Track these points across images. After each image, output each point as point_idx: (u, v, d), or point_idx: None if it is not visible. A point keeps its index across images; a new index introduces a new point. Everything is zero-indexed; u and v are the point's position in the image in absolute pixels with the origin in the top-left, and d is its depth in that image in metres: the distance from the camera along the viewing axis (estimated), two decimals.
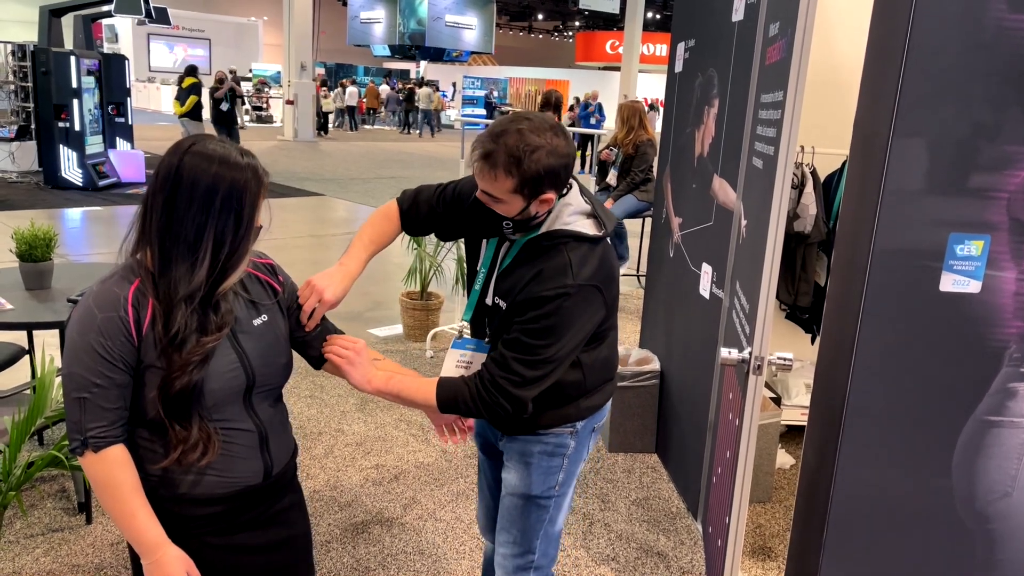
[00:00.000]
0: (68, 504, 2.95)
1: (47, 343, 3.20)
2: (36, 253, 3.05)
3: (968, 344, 1.67)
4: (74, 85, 9.81)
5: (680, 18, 3.70)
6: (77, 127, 9.95)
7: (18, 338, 3.42)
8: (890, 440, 1.75)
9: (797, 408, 3.54)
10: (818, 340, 2.82)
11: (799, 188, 3.40)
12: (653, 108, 21.02)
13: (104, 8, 10.90)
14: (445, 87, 30.31)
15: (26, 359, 3.30)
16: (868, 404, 1.73)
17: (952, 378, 1.69)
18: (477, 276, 1.80)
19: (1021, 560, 1.79)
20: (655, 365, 3.58)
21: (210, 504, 1.45)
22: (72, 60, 9.75)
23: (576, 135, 15.91)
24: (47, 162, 10.18)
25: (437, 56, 30.70)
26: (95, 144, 10.46)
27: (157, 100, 26.26)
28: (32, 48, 10.04)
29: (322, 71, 28.32)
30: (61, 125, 9.88)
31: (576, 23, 38.43)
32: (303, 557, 1.67)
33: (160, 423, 1.37)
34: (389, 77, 31.29)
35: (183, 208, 1.33)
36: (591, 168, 13.66)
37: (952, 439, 1.73)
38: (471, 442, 2.10)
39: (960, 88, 1.56)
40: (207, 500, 1.45)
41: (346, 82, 25.49)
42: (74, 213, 8.86)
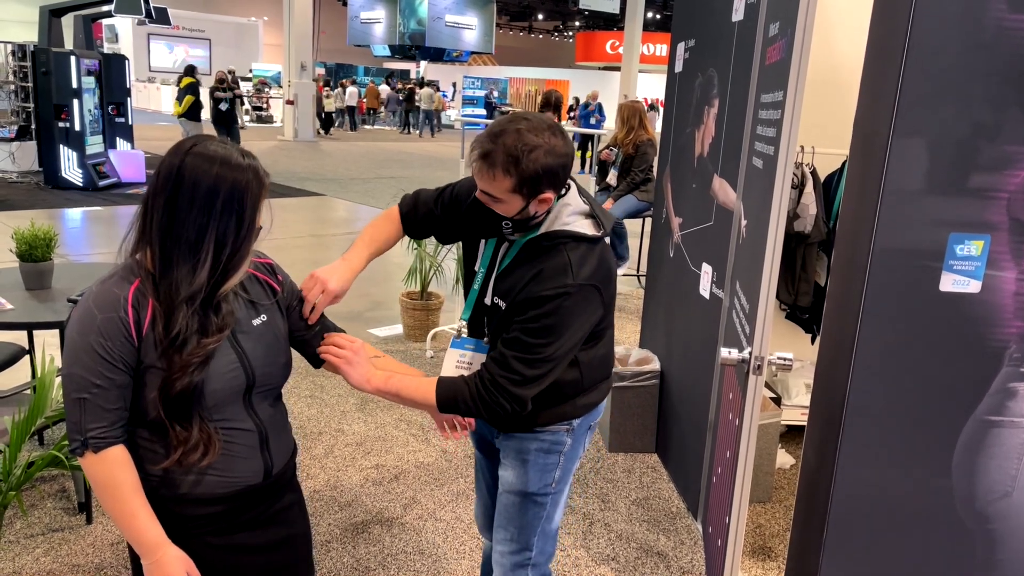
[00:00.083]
0: (68, 504, 2.95)
1: (47, 343, 3.20)
2: (36, 253, 3.05)
3: (968, 344, 1.67)
4: (74, 85, 9.81)
5: (680, 18, 3.70)
6: (77, 127, 9.95)
7: (18, 338, 3.42)
8: (890, 440, 1.75)
9: (797, 408, 3.54)
10: (818, 340, 2.82)
11: (799, 188, 3.40)
12: (653, 108, 21.02)
13: (104, 8, 10.90)
14: (445, 87, 30.32)
15: (26, 359, 3.30)
16: (868, 404, 1.73)
17: (952, 378, 1.69)
18: (476, 276, 1.80)
19: (1021, 560, 1.79)
20: (655, 365, 3.58)
21: (210, 504, 1.45)
22: (72, 60, 9.75)
23: (576, 135, 15.91)
24: (47, 162, 10.19)
25: (437, 56, 30.69)
26: (95, 144, 10.47)
27: (157, 100, 26.27)
28: (32, 48, 10.04)
29: (322, 71, 28.33)
30: (61, 125, 9.88)
31: (576, 23, 38.43)
32: (303, 556, 1.68)
33: (161, 423, 1.37)
34: (391, 77, 31.26)
35: (184, 209, 1.33)
36: (591, 168, 13.65)
37: (952, 439, 1.73)
38: (471, 442, 2.10)
39: (960, 88, 1.56)
40: (208, 500, 1.45)
41: (346, 82, 25.51)
42: (74, 213, 8.86)
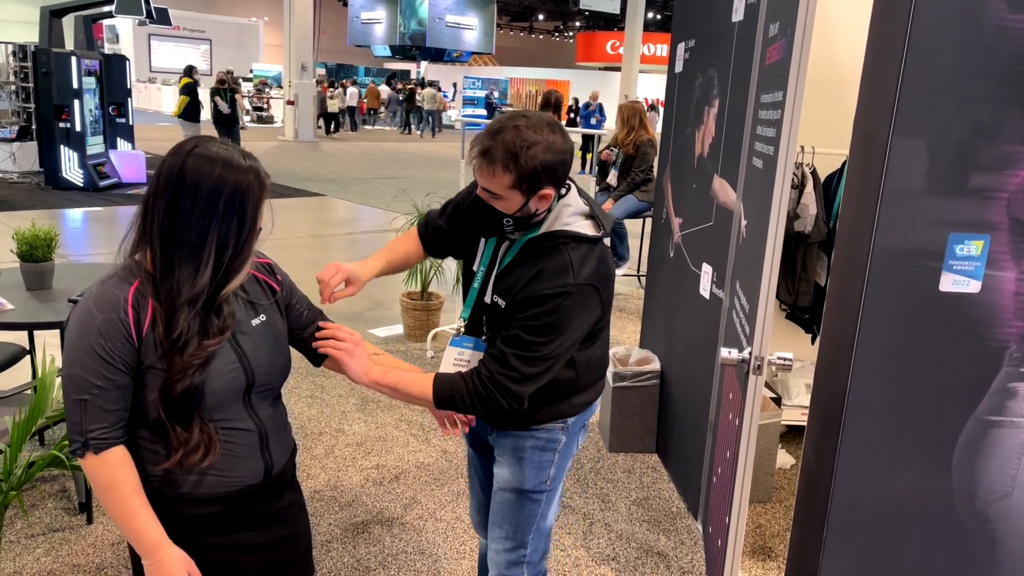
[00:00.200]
0: (69, 504, 2.95)
1: (48, 343, 3.20)
2: (37, 253, 3.06)
3: (968, 344, 1.67)
4: (75, 86, 9.82)
5: (680, 18, 3.70)
6: (78, 128, 9.96)
7: (19, 338, 3.42)
8: (890, 440, 1.75)
9: (797, 408, 3.53)
10: (818, 340, 2.82)
11: (799, 188, 3.40)
12: (653, 108, 21.03)
13: (105, 9, 10.91)
14: (446, 87, 30.32)
15: (27, 359, 3.31)
16: (868, 404, 1.73)
17: (952, 378, 1.69)
18: (476, 275, 1.80)
19: (1021, 560, 1.79)
20: (655, 365, 3.58)
21: (211, 504, 1.46)
22: (73, 61, 9.76)
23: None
24: (48, 162, 10.20)
25: (438, 56, 30.69)
26: (96, 145, 10.48)
27: (158, 101, 26.28)
28: (33, 49, 10.05)
29: (323, 71, 28.34)
30: (62, 126, 9.89)
31: (577, 23, 38.43)
32: (303, 556, 1.68)
33: (161, 424, 1.37)
34: (394, 78, 31.25)
35: (186, 211, 1.33)
36: (591, 169, 13.65)
37: (952, 439, 1.73)
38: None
39: (960, 87, 1.56)
40: (208, 500, 1.45)
41: (346, 83, 25.54)
42: (75, 213, 8.86)
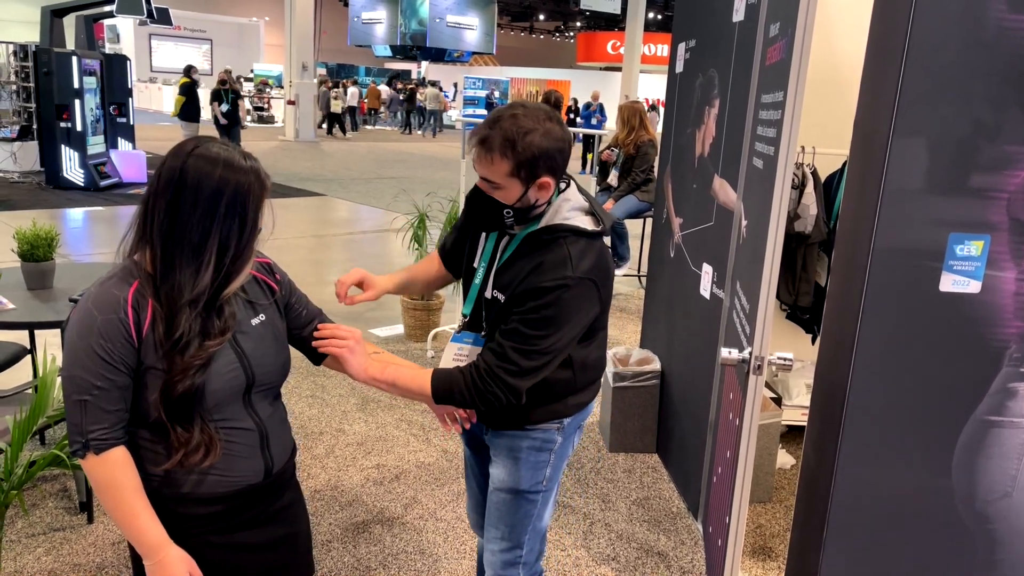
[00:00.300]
0: (69, 503, 2.95)
1: (49, 342, 3.20)
2: (38, 253, 3.06)
3: (968, 344, 1.67)
4: (76, 85, 9.83)
5: (681, 18, 3.70)
6: (79, 127, 9.97)
7: (20, 337, 3.42)
8: (890, 440, 1.75)
9: (798, 408, 3.53)
10: (818, 340, 2.83)
11: (800, 188, 3.40)
12: (654, 108, 21.03)
13: (106, 8, 10.92)
14: (446, 87, 30.34)
15: (28, 358, 3.31)
16: (868, 404, 1.73)
17: (952, 378, 1.69)
18: (476, 271, 1.81)
19: (1021, 560, 1.79)
20: (656, 365, 3.58)
21: (212, 503, 1.46)
22: (74, 60, 9.77)
23: (578, 136, 15.89)
24: (49, 162, 10.21)
25: (438, 56, 30.70)
26: (97, 144, 10.49)
27: (159, 100, 26.30)
28: (34, 48, 10.06)
29: (323, 71, 28.34)
30: (63, 125, 9.90)
31: (577, 23, 38.44)
32: (303, 555, 1.68)
33: (162, 425, 1.37)
34: (396, 78, 31.24)
35: (187, 212, 1.33)
36: (592, 169, 13.64)
37: (952, 439, 1.73)
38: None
39: (960, 87, 1.56)
40: (209, 499, 1.45)
41: (347, 82, 25.55)
42: (76, 213, 8.87)
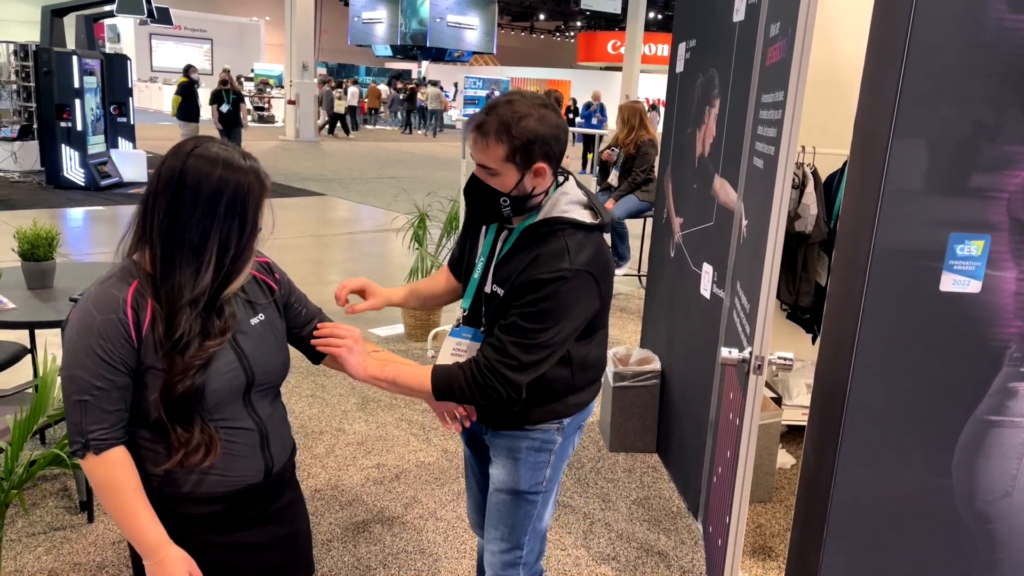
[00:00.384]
0: (70, 503, 2.96)
1: (49, 342, 3.20)
2: (38, 252, 3.06)
3: (968, 344, 1.67)
4: (76, 85, 9.83)
5: (681, 18, 3.70)
6: (79, 127, 9.97)
7: (20, 337, 3.42)
8: (890, 440, 1.75)
9: (798, 408, 3.53)
10: (819, 340, 2.83)
11: (800, 188, 3.40)
12: (654, 108, 21.02)
13: (106, 8, 10.91)
14: (447, 87, 30.35)
15: (28, 358, 3.31)
16: (868, 404, 1.73)
17: (952, 378, 1.69)
18: (476, 265, 1.81)
19: (1021, 560, 1.79)
20: (656, 365, 3.59)
21: (212, 503, 1.46)
22: (74, 60, 9.77)
23: (579, 135, 15.89)
24: (49, 162, 10.21)
25: (439, 56, 30.70)
26: (97, 144, 10.49)
27: (159, 100, 26.28)
28: (34, 48, 10.06)
29: (324, 71, 28.35)
30: (63, 125, 9.90)
31: (578, 23, 38.43)
32: (303, 555, 1.68)
33: (162, 424, 1.37)
34: (398, 78, 31.23)
35: (187, 212, 1.33)
36: (592, 169, 13.66)
37: (952, 439, 1.73)
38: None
39: (960, 87, 1.56)
40: (209, 499, 1.45)
41: (347, 82, 25.56)
42: (76, 213, 8.87)
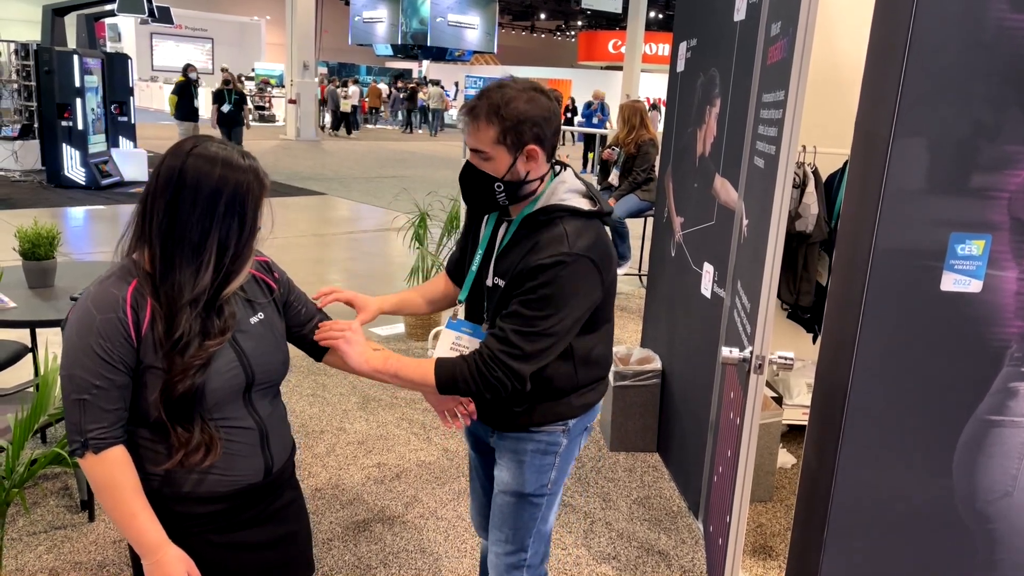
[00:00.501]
0: (71, 502, 2.96)
1: (50, 341, 3.20)
2: (39, 251, 3.06)
3: (969, 344, 1.67)
4: (77, 84, 9.83)
5: (682, 18, 3.70)
6: (80, 126, 9.97)
7: (21, 336, 3.42)
8: (891, 439, 1.75)
9: (799, 408, 3.53)
10: (819, 339, 2.83)
11: (801, 188, 3.40)
12: (655, 108, 21.01)
13: (107, 7, 10.91)
14: (448, 87, 30.36)
15: (29, 357, 3.31)
16: (869, 403, 1.73)
17: (953, 378, 1.69)
18: (475, 257, 1.81)
19: (1021, 560, 1.79)
20: (656, 364, 3.59)
21: (212, 502, 1.46)
22: (75, 59, 9.77)
23: (579, 135, 15.90)
24: (50, 161, 10.22)
25: (439, 56, 30.70)
26: (98, 143, 10.49)
27: (160, 99, 26.25)
28: (35, 47, 10.07)
29: (324, 70, 28.36)
30: (64, 124, 9.90)
31: (578, 22, 38.38)
32: (303, 554, 1.68)
33: (162, 424, 1.37)
34: (400, 78, 31.22)
35: (187, 211, 1.33)
36: (593, 168, 13.67)
37: (953, 439, 1.73)
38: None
39: (961, 87, 1.56)
40: (209, 499, 1.45)
41: (349, 82, 25.58)
42: (77, 212, 8.87)
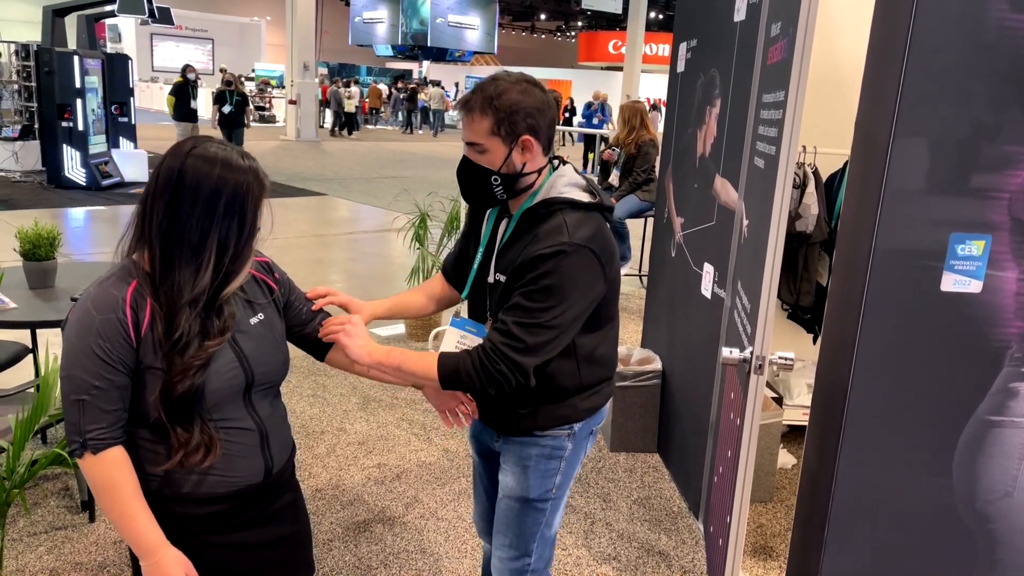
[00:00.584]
0: (71, 502, 2.96)
1: (50, 342, 3.20)
2: (40, 252, 3.07)
3: (969, 344, 1.67)
4: (77, 85, 9.83)
5: (682, 18, 3.70)
6: (80, 127, 9.98)
7: (22, 337, 3.42)
8: (891, 440, 1.75)
9: (799, 408, 3.53)
10: (819, 340, 2.83)
11: (801, 188, 3.40)
12: (655, 108, 21.00)
13: (107, 8, 10.91)
14: (448, 87, 30.37)
15: (29, 358, 3.31)
16: (869, 404, 1.73)
17: (953, 378, 1.69)
18: (476, 255, 1.80)
19: (1022, 560, 1.79)
20: (657, 365, 3.59)
21: (211, 503, 1.46)
22: (75, 60, 9.77)
23: (580, 135, 15.91)
24: (50, 161, 10.22)
25: (440, 56, 30.71)
26: (98, 144, 10.49)
27: (160, 100, 26.24)
28: (36, 48, 10.08)
29: (325, 71, 28.38)
30: (64, 125, 9.91)
31: (579, 23, 38.39)
32: (303, 554, 1.68)
33: (162, 425, 1.37)
34: (401, 79, 31.24)
35: (186, 212, 1.33)
36: (593, 168, 13.67)
37: (953, 439, 1.73)
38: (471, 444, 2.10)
39: (961, 88, 1.56)
40: (208, 499, 1.45)
41: (350, 82, 25.59)
42: (77, 212, 8.88)
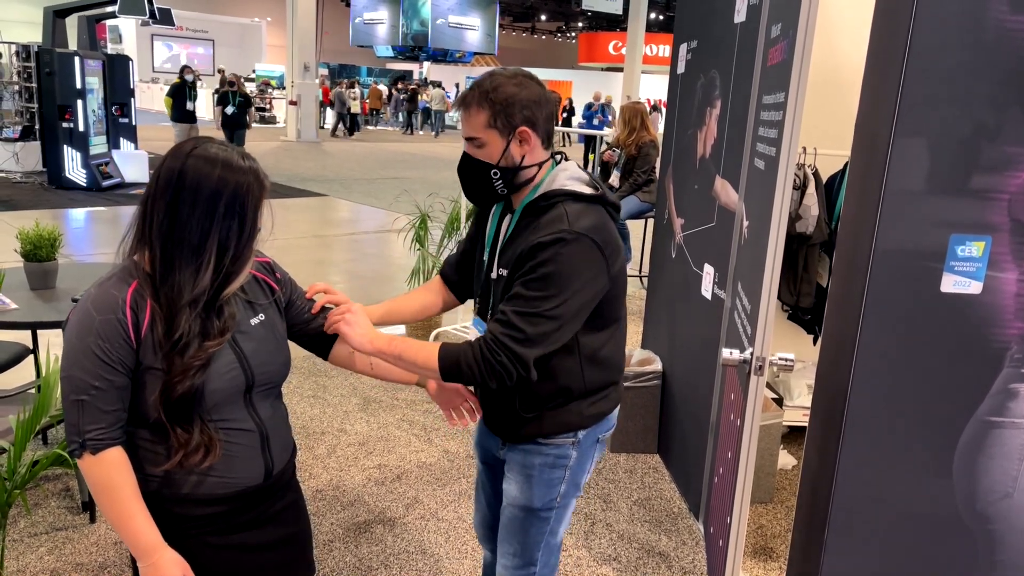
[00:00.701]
0: (72, 503, 2.96)
1: (52, 342, 3.20)
2: (41, 253, 3.07)
3: (969, 345, 1.67)
4: (78, 86, 9.84)
5: (682, 19, 3.71)
6: (81, 127, 9.98)
7: (23, 337, 3.43)
8: (891, 441, 1.75)
9: (799, 409, 3.54)
10: (820, 341, 2.83)
11: (801, 189, 3.40)
12: (656, 109, 21.01)
13: (108, 9, 10.92)
14: (448, 88, 30.39)
15: (30, 358, 3.32)
16: (869, 405, 1.73)
17: (953, 379, 1.70)
18: (484, 252, 1.80)
19: (1022, 561, 1.79)
20: (657, 366, 3.59)
21: (211, 504, 1.46)
22: (76, 61, 9.78)
23: (580, 136, 15.93)
24: (51, 162, 10.23)
25: (440, 57, 30.73)
26: (99, 144, 10.50)
27: (161, 101, 26.32)
28: (36, 49, 10.08)
29: (325, 72, 28.39)
30: (65, 126, 9.91)
31: (579, 24, 38.40)
32: (303, 555, 1.68)
33: (162, 425, 1.37)
34: (402, 80, 31.25)
35: (186, 212, 1.33)
36: (593, 169, 13.67)
37: (953, 440, 1.73)
38: (473, 445, 2.10)
39: (961, 89, 1.56)
40: (208, 500, 1.45)
41: (352, 83, 25.63)
42: (78, 213, 8.88)
